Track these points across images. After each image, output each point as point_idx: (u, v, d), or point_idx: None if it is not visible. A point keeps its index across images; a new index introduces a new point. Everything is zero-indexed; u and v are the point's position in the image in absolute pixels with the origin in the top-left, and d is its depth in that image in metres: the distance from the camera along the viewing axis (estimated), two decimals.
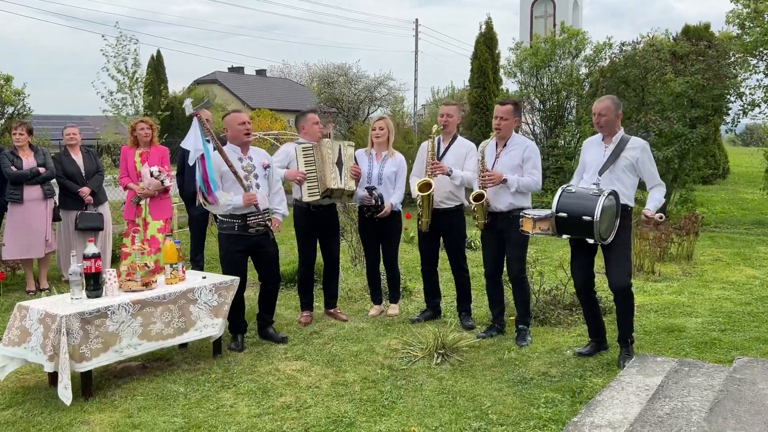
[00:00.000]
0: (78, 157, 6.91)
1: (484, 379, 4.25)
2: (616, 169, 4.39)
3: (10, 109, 8.80)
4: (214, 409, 3.84)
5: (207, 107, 5.51)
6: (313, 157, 5.24)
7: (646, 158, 4.40)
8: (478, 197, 4.86)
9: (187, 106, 4.85)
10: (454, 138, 5.35)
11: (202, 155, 4.62)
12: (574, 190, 4.30)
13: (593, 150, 4.57)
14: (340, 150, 5.30)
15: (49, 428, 3.60)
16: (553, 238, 9.68)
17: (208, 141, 4.71)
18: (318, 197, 5.23)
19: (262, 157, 4.96)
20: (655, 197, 4.39)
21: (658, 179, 4.46)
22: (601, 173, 4.39)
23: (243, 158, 4.85)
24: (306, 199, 5.24)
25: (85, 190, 6.75)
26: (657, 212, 4.33)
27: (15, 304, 4.20)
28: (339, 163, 5.26)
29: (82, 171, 6.86)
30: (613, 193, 4.23)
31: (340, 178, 5.22)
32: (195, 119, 4.71)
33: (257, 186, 4.85)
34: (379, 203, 5.38)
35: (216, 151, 4.69)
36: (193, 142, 4.65)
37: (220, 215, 4.84)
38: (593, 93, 11.98)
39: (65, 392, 3.76)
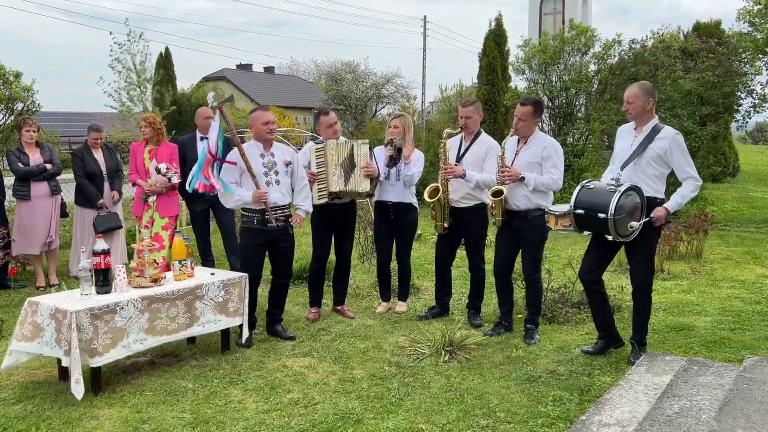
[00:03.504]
0: (99, 156, 6.93)
1: (491, 377, 4.24)
2: (641, 161, 4.24)
3: (20, 105, 8.82)
4: (222, 404, 3.85)
5: (230, 102, 5.58)
6: (324, 158, 5.25)
7: (675, 148, 4.19)
8: (497, 193, 4.84)
9: (210, 99, 4.90)
10: (477, 136, 5.28)
11: (214, 155, 4.69)
12: (592, 186, 4.24)
13: (624, 139, 4.44)
14: (352, 150, 5.26)
15: (59, 423, 3.62)
16: (562, 236, 9.68)
17: (204, 138, 4.73)
18: (326, 200, 5.24)
19: (285, 154, 4.98)
20: (680, 192, 4.21)
21: (690, 172, 4.22)
22: (623, 167, 4.28)
23: (265, 154, 4.88)
24: (315, 201, 5.26)
25: (102, 203, 6.79)
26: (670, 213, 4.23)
27: (25, 299, 4.23)
28: (351, 164, 5.24)
29: (103, 170, 6.89)
30: (633, 188, 4.13)
31: (344, 180, 5.21)
32: (218, 112, 4.75)
33: (276, 182, 4.88)
34: (399, 150, 5.33)
35: (235, 148, 4.75)
36: (214, 138, 4.72)
37: (241, 210, 4.92)
38: (602, 90, 11.93)
39: (77, 387, 3.79)
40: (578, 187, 4.27)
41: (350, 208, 5.56)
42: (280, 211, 4.89)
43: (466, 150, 5.26)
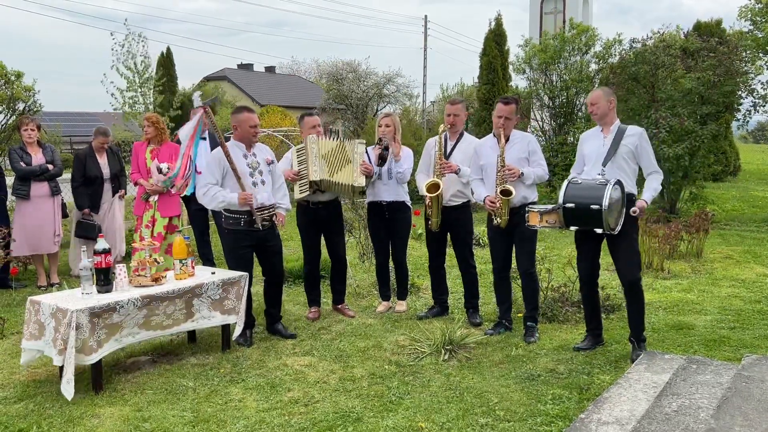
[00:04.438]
0: (103, 159, 6.94)
1: (491, 376, 4.25)
2: (617, 158, 4.41)
3: (21, 106, 8.84)
4: (223, 403, 3.86)
5: (215, 103, 5.58)
6: (305, 154, 5.27)
7: (644, 144, 4.45)
8: (507, 192, 4.84)
9: (196, 98, 4.91)
10: (461, 135, 5.37)
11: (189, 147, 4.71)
12: (580, 181, 4.33)
13: (592, 142, 4.58)
14: (343, 145, 5.30)
15: (60, 421, 3.64)
16: (562, 235, 9.68)
17: (204, 138, 4.78)
18: (307, 193, 5.24)
19: (265, 153, 4.99)
20: (652, 186, 4.43)
21: (656, 166, 4.50)
22: (605, 164, 4.40)
23: (247, 155, 4.87)
24: (297, 196, 5.26)
25: (87, 211, 6.84)
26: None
27: (27, 298, 4.24)
28: (344, 158, 5.25)
29: (104, 175, 6.89)
30: (619, 183, 4.24)
31: (330, 171, 5.21)
32: (201, 112, 4.74)
33: (262, 182, 4.88)
34: (387, 150, 5.34)
35: (219, 148, 4.74)
36: (185, 131, 4.72)
37: (225, 212, 4.87)
38: None
39: (68, 387, 3.80)
40: (565, 183, 4.35)
41: (335, 206, 5.56)
42: (266, 211, 4.88)
43: (453, 149, 5.30)
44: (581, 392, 3.96)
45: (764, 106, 10.87)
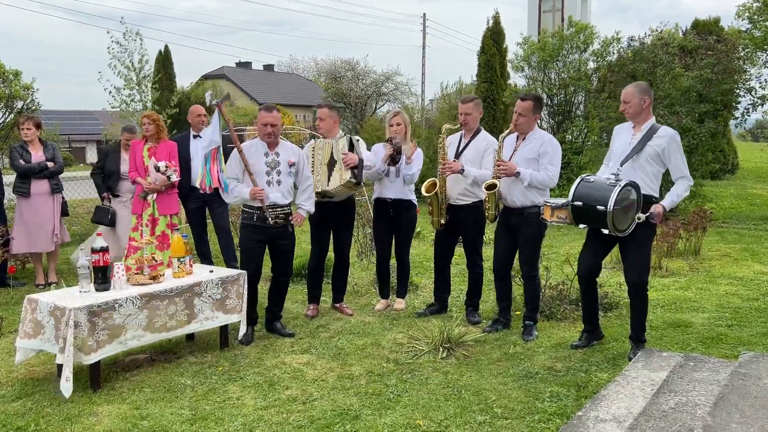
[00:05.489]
0: (127, 156, 6.98)
1: (489, 374, 4.26)
2: (639, 158, 4.30)
3: (19, 104, 8.84)
4: (221, 401, 3.87)
5: (227, 100, 5.64)
6: (313, 158, 5.30)
7: (673, 148, 4.27)
8: (490, 187, 4.85)
9: (208, 97, 4.95)
10: (476, 133, 5.29)
11: (217, 148, 4.72)
12: (592, 180, 4.27)
13: (621, 137, 4.49)
14: (332, 148, 5.29)
15: (58, 419, 3.64)
16: (561, 233, 9.69)
17: (226, 135, 4.83)
18: (317, 198, 5.27)
19: (290, 155, 5.00)
20: (675, 191, 4.29)
21: (684, 172, 4.31)
22: (623, 163, 4.33)
23: (269, 153, 4.91)
24: None
25: (105, 196, 6.93)
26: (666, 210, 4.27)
27: (24, 297, 4.24)
28: (331, 162, 5.26)
29: (121, 171, 6.91)
30: (632, 184, 4.17)
31: (328, 180, 5.23)
32: (216, 110, 4.80)
33: (278, 182, 4.91)
34: (399, 151, 5.32)
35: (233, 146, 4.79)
36: (210, 133, 4.76)
37: (243, 206, 4.97)
38: (601, 88, 11.94)
39: (66, 385, 3.80)
40: (578, 180, 4.29)
41: (347, 204, 5.57)
42: (279, 210, 4.90)
43: (465, 147, 5.27)
44: (579, 390, 3.96)
45: (762, 105, 10.89)
